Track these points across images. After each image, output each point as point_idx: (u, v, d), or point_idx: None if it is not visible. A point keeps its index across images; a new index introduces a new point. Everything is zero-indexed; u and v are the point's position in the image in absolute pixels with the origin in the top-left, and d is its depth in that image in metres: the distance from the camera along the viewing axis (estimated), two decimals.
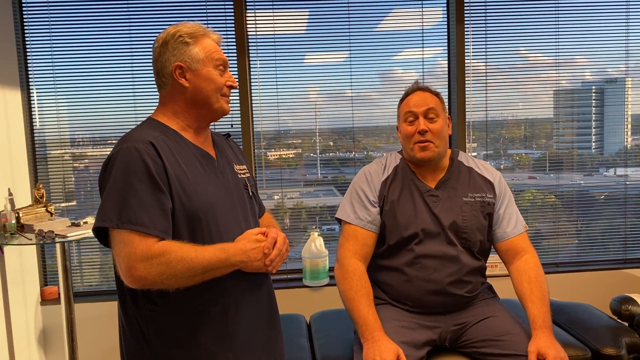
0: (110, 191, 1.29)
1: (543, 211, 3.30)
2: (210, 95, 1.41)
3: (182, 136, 1.41)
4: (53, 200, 2.94)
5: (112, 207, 1.27)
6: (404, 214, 1.86)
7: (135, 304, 1.36)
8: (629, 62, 3.22)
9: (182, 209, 1.32)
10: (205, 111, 1.43)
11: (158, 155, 1.30)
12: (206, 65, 1.40)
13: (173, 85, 1.41)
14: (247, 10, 3.00)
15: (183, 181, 1.33)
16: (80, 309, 2.81)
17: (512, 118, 3.32)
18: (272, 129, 3.17)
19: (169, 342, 1.35)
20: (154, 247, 1.25)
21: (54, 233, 2.40)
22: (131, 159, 1.28)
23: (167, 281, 1.27)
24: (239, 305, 1.41)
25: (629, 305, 2.22)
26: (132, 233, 1.25)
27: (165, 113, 1.44)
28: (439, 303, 1.84)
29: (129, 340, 1.40)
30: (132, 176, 1.27)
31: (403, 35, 3.13)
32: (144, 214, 1.26)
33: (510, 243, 1.91)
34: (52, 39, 2.93)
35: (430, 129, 1.85)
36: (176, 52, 1.39)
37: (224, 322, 1.38)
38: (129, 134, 1.36)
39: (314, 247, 2.96)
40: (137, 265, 1.24)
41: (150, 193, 1.27)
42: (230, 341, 1.39)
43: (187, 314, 1.35)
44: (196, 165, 1.39)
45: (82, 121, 2.98)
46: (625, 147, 3.35)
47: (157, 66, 1.42)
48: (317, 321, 2.28)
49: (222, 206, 1.41)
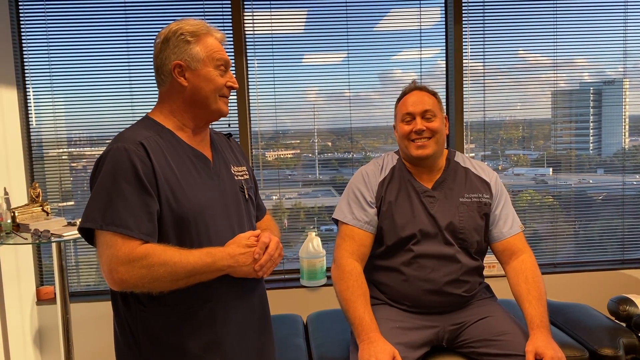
0: (97, 191, 1.27)
1: (541, 211, 3.30)
2: (209, 95, 1.39)
3: (177, 136, 1.39)
4: (50, 200, 2.93)
5: (97, 207, 1.26)
6: (402, 214, 1.86)
7: (125, 304, 1.35)
8: (627, 63, 3.23)
9: (169, 212, 1.30)
10: (203, 111, 1.41)
11: (148, 156, 1.29)
12: (206, 65, 1.38)
13: (172, 84, 1.39)
14: (245, 9, 3.00)
15: (172, 184, 1.31)
16: (76, 308, 2.80)
17: (510, 119, 3.31)
18: (270, 129, 3.17)
19: (158, 343, 1.34)
20: (136, 250, 1.24)
21: (49, 232, 2.39)
22: (120, 160, 1.26)
23: (149, 285, 1.25)
24: (229, 311, 1.39)
25: (627, 306, 2.22)
26: (115, 235, 1.24)
27: (162, 111, 1.42)
28: (437, 302, 1.83)
29: (119, 340, 1.39)
30: (120, 177, 1.26)
31: (401, 35, 3.12)
32: (129, 216, 1.24)
33: (506, 243, 1.91)
34: (48, 37, 2.92)
35: (428, 127, 1.85)
36: (176, 50, 1.36)
37: (212, 327, 1.36)
38: (122, 133, 1.35)
39: (312, 247, 2.95)
40: (119, 268, 1.23)
41: (137, 195, 1.26)
42: (219, 347, 1.37)
43: (175, 317, 1.33)
44: (189, 167, 1.37)
45: (78, 120, 2.97)
46: (623, 148, 3.35)
47: (157, 63, 1.40)
48: (314, 321, 2.27)
49: (213, 210, 1.38)
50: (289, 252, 3.21)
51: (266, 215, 1.69)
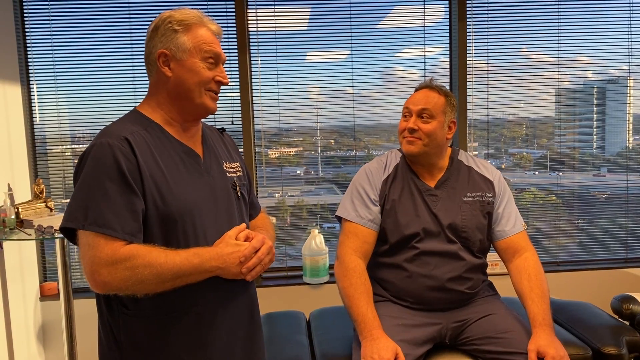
0: (79, 189, 1.22)
1: (544, 210, 3.29)
2: (193, 88, 1.32)
3: (165, 131, 1.34)
4: (53, 196, 2.93)
5: (78, 206, 1.20)
6: (405, 213, 1.86)
7: (108, 307, 1.30)
8: (632, 61, 3.22)
9: (155, 210, 1.24)
10: (188, 104, 1.34)
11: (132, 152, 1.23)
12: (192, 55, 1.31)
13: (157, 73, 1.33)
14: (249, 6, 3.00)
15: (159, 181, 1.25)
16: (79, 304, 2.81)
17: (513, 117, 3.31)
18: (273, 126, 3.17)
19: (140, 348, 1.28)
20: (119, 251, 1.18)
21: (53, 228, 2.40)
22: (103, 156, 1.21)
23: (133, 287, 1.20)
24: (216, 315, 1.33)
25: (630, 304, 2.21)
26: (98, 235, 1.18)
27: (150, 103, 1.36)
28: (439, 299, 1.83)
29: (103, 344, 1.34)
30: (102, 175, 1.20)
31: (405, 33, 3.12)
32: (112, 215, 1.18)
33: (509, 241, 1.91)
34: (52, 34, 2.92)
35: (420, 128, 1.85)
36: (163, 39, 1.31)
37: (198, 332, 1.31)
38: (108, 128, 1.29)
39: (314, 244, 2.96)
40: (101, 270, 1.18)
41: (121, 193, 1.20)
42: (205, 351, 1.32)
43: (158, 320, 1.28)
44: (177, 164, 1.31)
45: (82, 117, 2.98)
46: (627, 147, 3.34)
47: (146, 51, 1.35)
48: (316, 318, 2.27)
49: (202, 208, 1.32)
50: (291, 249, 3.22)
51: (261, 213, 1.63)
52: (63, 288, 2.53)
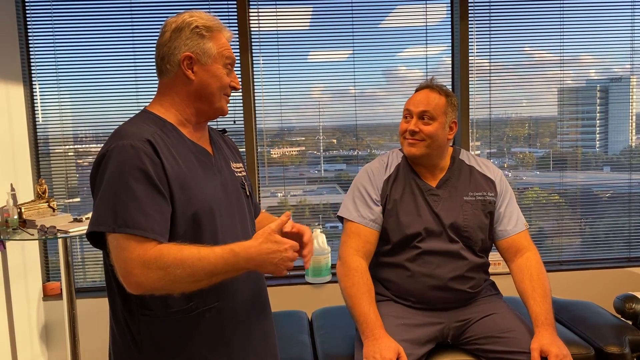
0: (104, 192, 1.21)
1: (547, 209, 3.28)
2: (215, 92, 1.36)
3: (179, 131, 1.34)
4: (56, 197, 2.94)
5: (107, 209, 1.19)
6: (407, 213, 1.86)
7: (126, 308, 1.29)
8: (634, 60, 3.21)
9: (182, 211, 1.25)
10: (206, 107, 1.37)
11: (156, 153, 1.23)
12: (216, 61, 1.35)
13: (177, 75, 1.34)
14: (250, 6, 3.00)
15: (182, 181, 1.26)
16: (82, 304, 2.81)
17: (516, 116, 3.30)
18: (275, 126, 3.17)
19: (161, 347, 1.29)
20: (151, 251, 1.18)
21: (55, 228, 2.40)
22: (127, 158, 1.20)
23: (167, 287, 1.20)
24: (234, 310, 1.35)
25: (633, 304, 2.21)
26: (128, 237, 1.18)
27: (162, 103, 1.37)
28: (442, 299, 1.83)
29: (118, 344, 1.33)
30: (129, 176, 1.19)
31: (407, 32, 3.12)
32: (141, 217, 1.18)
33: (511, 241, 1.90)
34: (55, 34, 2.93)
35: (421, 129, 1.85)
36: (189, 42, 1.32)
37: (219, 328, 1.32)
38: (124, 129, 1.27)
39: (317, 244, 2.96)
40: (134, 271, 1.17)
41: (148, 194, 1.20)
42: (226, 347, 1.34)
43: (180, 319, 1.28)
44: (194, 163, 1.32)
45: (85, 117, 2.99)
46: (630, 146, 3.33)
47: (164, 51, 1.34)
48: (318, 318, 2.27)
49: (219, 206, 1.33)
50: None
51: (262, 213, 1.66)
52: (66, 288, 2.54)
